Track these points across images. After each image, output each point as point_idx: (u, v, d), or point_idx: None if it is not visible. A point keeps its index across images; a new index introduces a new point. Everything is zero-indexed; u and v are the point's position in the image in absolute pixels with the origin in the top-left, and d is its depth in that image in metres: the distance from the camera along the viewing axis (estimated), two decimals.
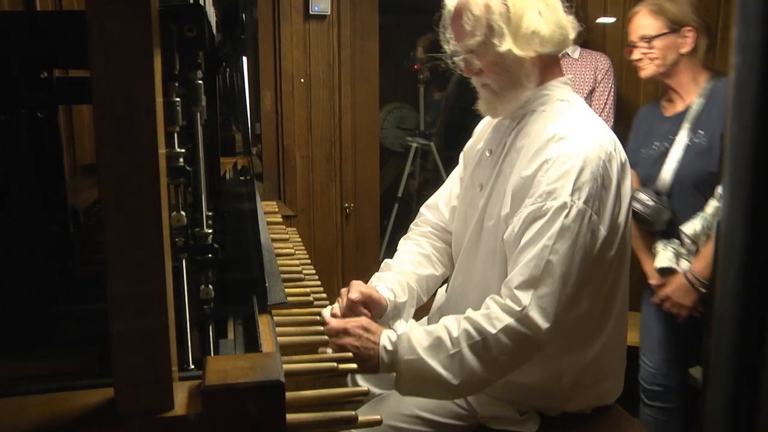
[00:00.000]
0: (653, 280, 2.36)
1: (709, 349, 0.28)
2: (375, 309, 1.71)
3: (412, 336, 1.50)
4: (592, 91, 2.91)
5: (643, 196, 2.23)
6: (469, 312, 1.51)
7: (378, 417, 1.10)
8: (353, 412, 1.03)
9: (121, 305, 0.77)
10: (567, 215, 1.44)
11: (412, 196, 4.19)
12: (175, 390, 0.81)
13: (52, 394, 0.84)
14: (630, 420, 1.79)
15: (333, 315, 1.67)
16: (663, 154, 2.31)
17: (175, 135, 0.90)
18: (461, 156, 1.96)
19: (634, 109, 2.80)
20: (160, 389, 0.80)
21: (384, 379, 1.95)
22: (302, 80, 3.15)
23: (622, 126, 2.86)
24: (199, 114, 0.99)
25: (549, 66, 1.63)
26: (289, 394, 0.96)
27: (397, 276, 1.83)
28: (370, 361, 1.52)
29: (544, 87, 1.62)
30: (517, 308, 1.44)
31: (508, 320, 1.44)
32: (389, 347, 1.51)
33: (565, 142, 1.49)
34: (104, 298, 0.76)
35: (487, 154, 1.73)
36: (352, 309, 1.68)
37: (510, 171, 1.59)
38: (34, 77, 1.00)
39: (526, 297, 1.44)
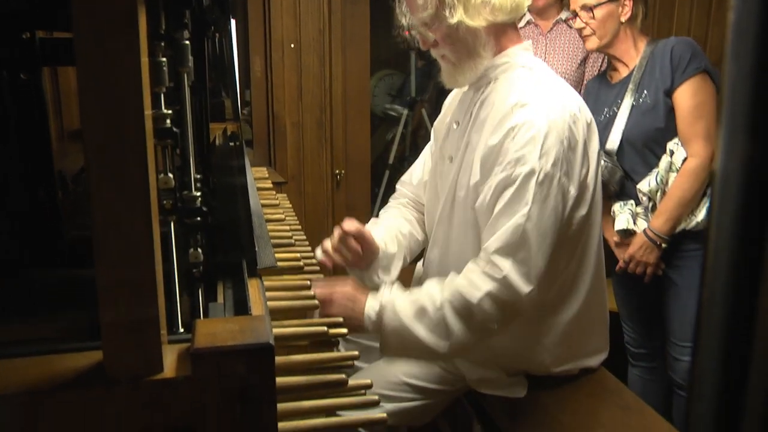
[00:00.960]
0: (614, 239, 2.40)
1: (702, 301, 0.28)
2: (367, 249, 1.77)
3: (397, 304, 1.52)
4: (585, 59, 2.89)
5: None
6: (452, 277, 1.53)
7: (368, 381, 1.10)
8: (342, 376, 1.03)
9: (108, 268, 0.76)
10: (536, 180, 1.46)
11: (403, 163, 4.18)
12: (164, 353, 0.81)
13: (41, 357, 0.84)
14: (616, 383, 1.82)
15: (324, 251, 1.74)
16: (612, 119, 2.37)
17: (162, 96, 0.88)
18: (432, 131, 1.98)
19: None
20: (148, 352, 0.79)
21: (369, 351, 1.98)
22: (292, 46, 3.11)
23: None
24: (186, 75, 0.98)
25: (506, 33, 1.63)
26: (278, 359, 0.96)
27: (386, 229, 1.89)
28: (356, 329, 1.54)
29: (504, 54, 1.63)
30: (497, 275, 1.46)
31: (490, 286, 1.46)
32: (373, 318, 1.53)
33: (529, 108, 1.50)
34: (93, 262, 0.76)
35: (455, 126, 1.75)
36: (344, 242, 1.74)
37: (477, 140, 1.60)
38: (16, 38, 0.98)
39: (505, 263, 1.46)
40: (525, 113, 1.49)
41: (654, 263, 2.28)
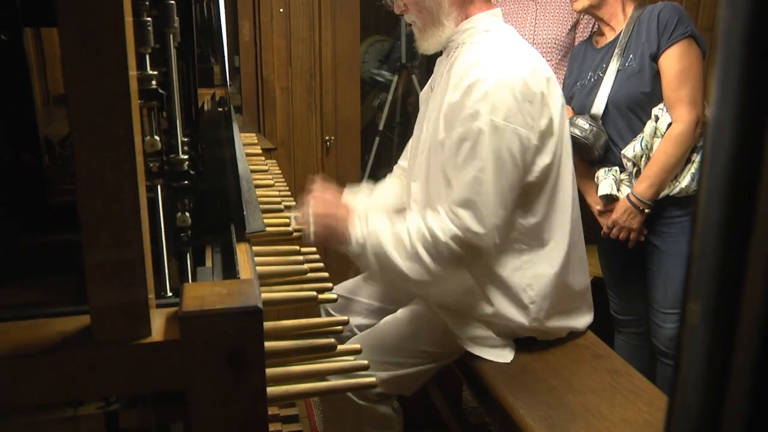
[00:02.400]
0: (597, 206, 2.41)
1: (692, 253, 0.28)
2: None
3: (380, 234, 1.65)
4: (576, 24, 2.86)
5: (579, 122, 2.31)
6: (427, 216, 1.65)
7: (357, 346, 1.11)
8: (332, 340, 1.03)
9: (95, 231, 0.75)
10: (488, 134, 1.55)
11: (393, 130, 4.15)
12: (152, 317, 0.81)
13: (28, 321, 0.83)
14: (604, 348, 1.84)
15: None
16: (596, 83, 2.37)
17: (147, 57, 0.87)
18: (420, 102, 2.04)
19: None
20: (136, 316, 0.79)
21: (364, 314, 2.02)
22: (281, 10, 3.06)
23: None
24: (172, 36, 0.96)
25: (473, 3, 1.72)
26: (268, 324, 0.96)
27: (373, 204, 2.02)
28: (341, 246, 1.70)
29: (468, 21, 1.72)
30: (458, 223, 1.58)
31: (456, 231, 1.58)
32: (360, 240, 1.65)
33: (485, 65, 1.59)
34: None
35: (430, 91, 1.86)
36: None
37: (442, 100, 1.69)
38: None
39: (465, 213, 1.57)
40: (479, 71, 1.58)
41: (637, 228, 2.30)
